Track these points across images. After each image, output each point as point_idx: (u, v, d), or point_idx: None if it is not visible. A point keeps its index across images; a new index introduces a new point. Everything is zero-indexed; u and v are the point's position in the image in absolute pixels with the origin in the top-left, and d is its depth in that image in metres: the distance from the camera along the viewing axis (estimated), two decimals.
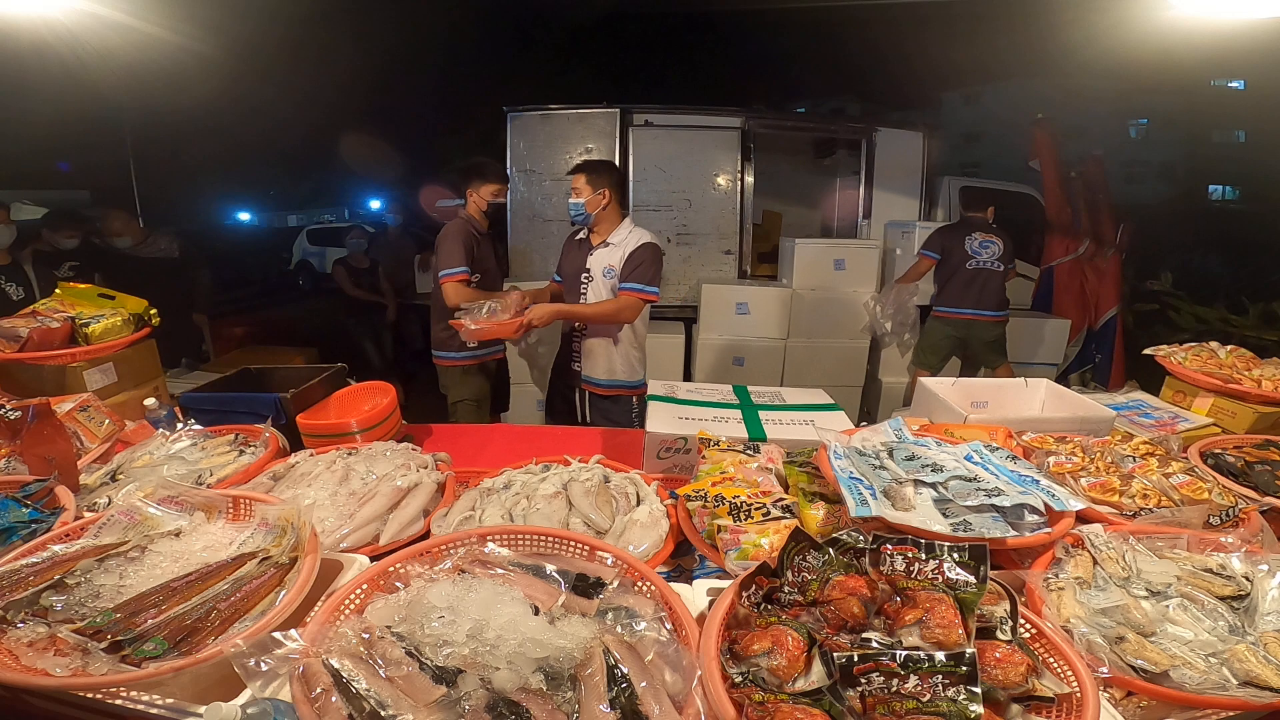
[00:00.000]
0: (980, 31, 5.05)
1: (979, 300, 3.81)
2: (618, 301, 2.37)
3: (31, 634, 0.84)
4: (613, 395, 2.51)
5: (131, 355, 2.01)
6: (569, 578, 0.97)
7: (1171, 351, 2.02)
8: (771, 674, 0.75)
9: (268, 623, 0.85)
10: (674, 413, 1.69)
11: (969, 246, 3.81)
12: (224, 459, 1.50)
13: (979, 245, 3.82)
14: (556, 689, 0.76)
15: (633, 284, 2.34)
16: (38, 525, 1.13)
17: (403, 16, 4.92)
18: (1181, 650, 0.85)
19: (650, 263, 2.35)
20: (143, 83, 4.00)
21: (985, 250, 3.83)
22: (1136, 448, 1.41)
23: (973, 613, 0.79)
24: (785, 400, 1.86)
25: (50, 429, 1.40)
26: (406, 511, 1.28)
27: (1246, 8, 2.39)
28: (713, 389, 1.92)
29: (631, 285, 2.35)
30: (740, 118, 4.26)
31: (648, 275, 2.34)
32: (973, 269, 3.80)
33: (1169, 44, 3.00)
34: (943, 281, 3.90)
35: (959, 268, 3.82)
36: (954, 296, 3.84)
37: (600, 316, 2.42)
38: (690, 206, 4.27)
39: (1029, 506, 1.07)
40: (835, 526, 1.12)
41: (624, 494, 1.35)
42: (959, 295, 3.83)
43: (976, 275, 3.80)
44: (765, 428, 1.61)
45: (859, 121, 5.01)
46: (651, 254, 2.37)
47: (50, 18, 2.56)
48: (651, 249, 2.38)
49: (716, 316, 4.03)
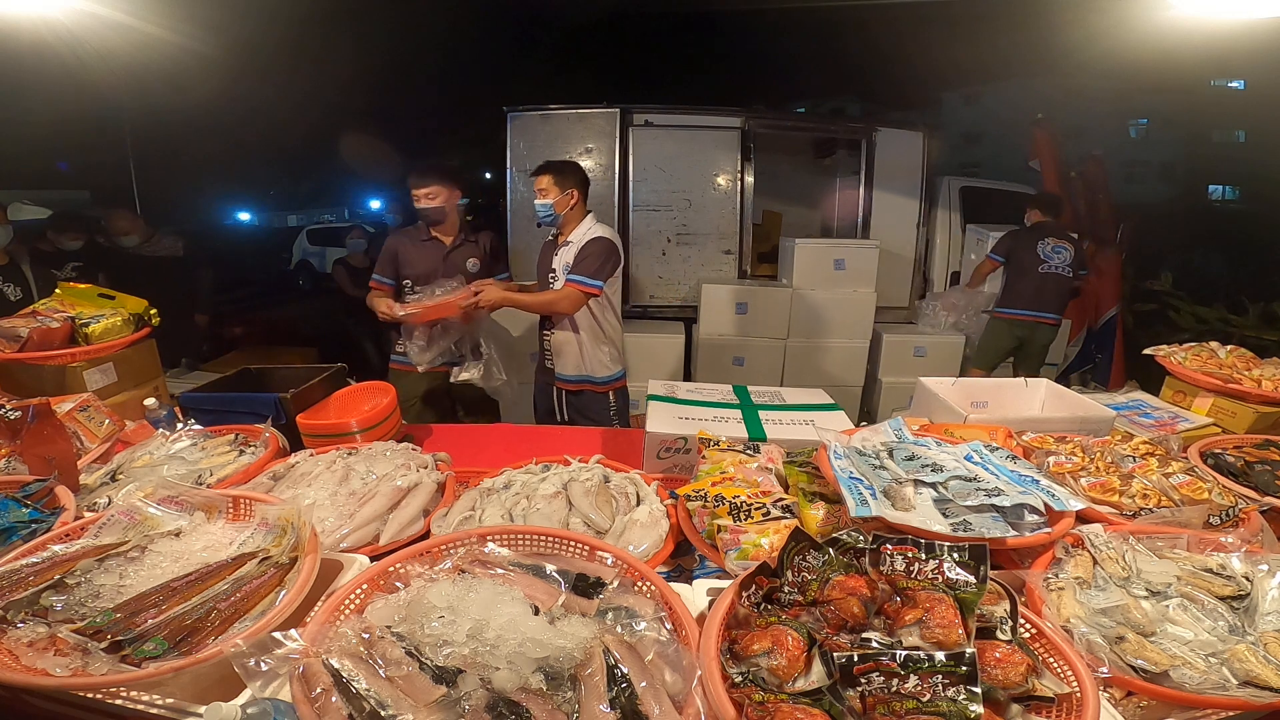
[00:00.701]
0: (980, 31, 5.05)
1: (1044, 303, 3.85)
2: (557, 292, 2.33)
3: (31, 634, 0.84)
4: (581, 390, 2.49)
5: (131, 355, 2.01)
6: (569, 578, 0.97)
7: (1171, 351, 2.02)
8: (771, 674, 0.75)
9: (268, 623, 0.85)
10: (674, 413, 1.69)
11: (1041, 251, 3.87)
12: (224, 459, 1.50)
13: (1051, 250, 3.87)
14: (556, 689, 0.76)
15: (575, 275, 2.30)
16: (38, 525, 1.13)
17: (403, 17, 4.92)
18: (1181, 650, 0.85)
19: (596, 256, 2.30)
20: (143, 83, 4.00)
21: (1057, 255, 3.87)
22: (1136, 448, 1.41)
23: (973, 613, 0.79)
24: (785, 400, 1.86)
25: (50, 429, 1.40)
26: (406, 511, 1.28)
27: (1246, 8, 2.39)
28: (713, 389, 1.92)
29: (573, 277, 2.30)
30: (740, 118, 4.26)
31: (592, 268, 2.29)
32: (1044, 273, 3.85)
33: (1169, 44, 3.01)
34: (1011, 284, 3.94)
35: (1029, 271, 3.87)
36: (1021, 299, 3.88)
37: (537, 306, 2.40)
38: (690, 206, 4.26)
39: (1029, 506, 1.07)
40: (835, 526, 1.12)
41: (624, 494, 1.35)
42: (1026, 298, 3.87)
43: (1046, 279, 3.85)
44: (765, 428, 1.61)
45: (859, 121, 5.01)
46: (600, 248, 2.32)
47: (50, 18, 2.56)
48: (602, 243, 2.33)
49: (716, 316, 4.02)
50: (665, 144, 4.20)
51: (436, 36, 5.61)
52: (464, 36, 6.12)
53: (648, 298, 4.38)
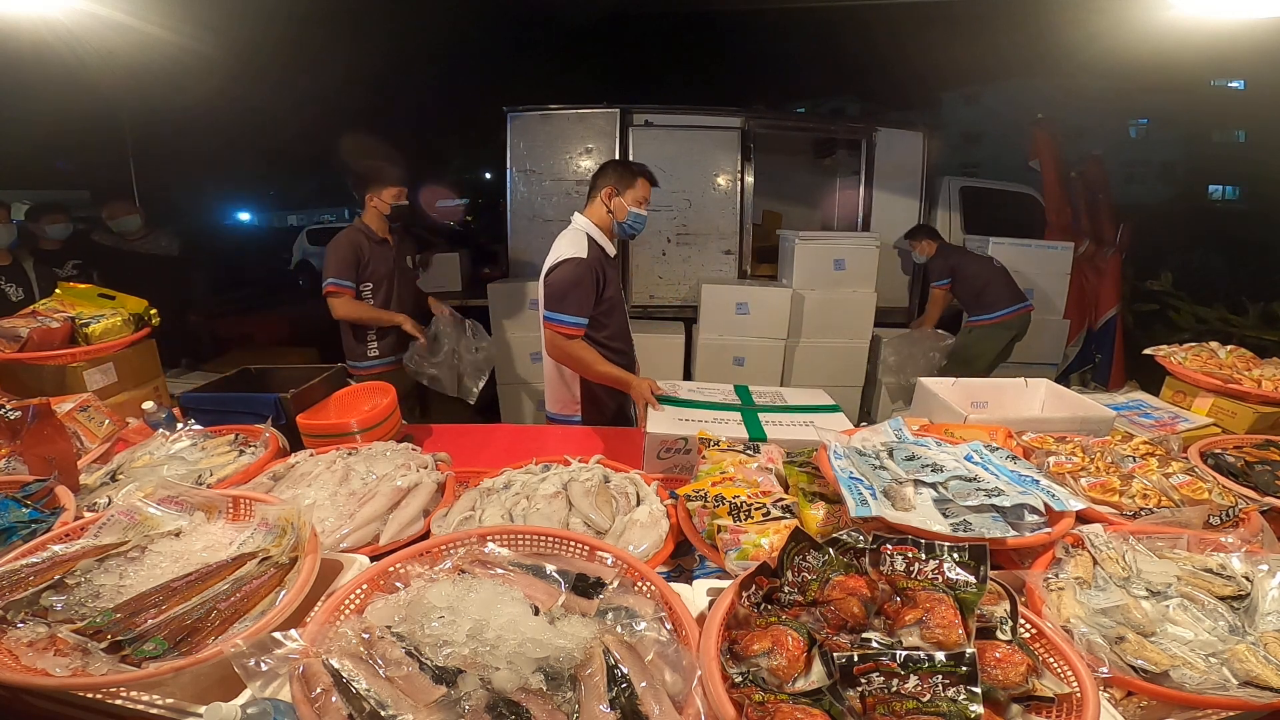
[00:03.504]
0: (980, 31, 5.04)
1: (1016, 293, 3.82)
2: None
3: (31, 634, 0.84)
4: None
5: (131, 355, 2.02)
6: (569, 578, 0.96)
7: (1171, 351, 2.02)
8: (771, 674, 0.75)
9: (268, 623, 0.85)
10: (674, 413, 1.69)
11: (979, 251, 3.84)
12: (224, 459, 1.50)
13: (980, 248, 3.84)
14: (556, 689, 0.76)
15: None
16: (38, 525, 1.13)
17: (403, 16, 4.91)
18: (1181, 650, 0.85)
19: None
20: (143, 83, 3.99)
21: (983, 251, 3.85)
22: (1136, 448, 1.41)
23: (973, 613, 0.79)
24: (786, 401, 1.86)
25: (50, 429, 1.40)
26: (406, 511, 1.28)
27: (1246, 8, 2.39)
28: (714, 389, 1.91)
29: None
30: (740, 118, 4.26)
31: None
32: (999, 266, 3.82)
33: (1169, 44, 3.01)
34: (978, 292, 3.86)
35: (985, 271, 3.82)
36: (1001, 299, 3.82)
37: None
38: (690, 206, 4.26)
39: (1029, 506, 1.07)
40: (835, 526, 1.12)
41: (624, 494, 1.35)
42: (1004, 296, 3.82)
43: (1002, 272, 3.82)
44: (765, 429, 1.61)
45: (859, 121, 5.00)
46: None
47: (50, 18, 2.56)
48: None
49: (716, 316, 4.02)
50: (665, 144, 4.20)
51: (436, 36, 5.60)
52: (464, 36, 6.10)
53: (648, 298, 4.39)
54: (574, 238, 2.01)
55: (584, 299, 1.94)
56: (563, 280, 1.94)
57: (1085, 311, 4.88)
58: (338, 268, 2.56)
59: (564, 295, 1.93)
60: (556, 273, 1.95)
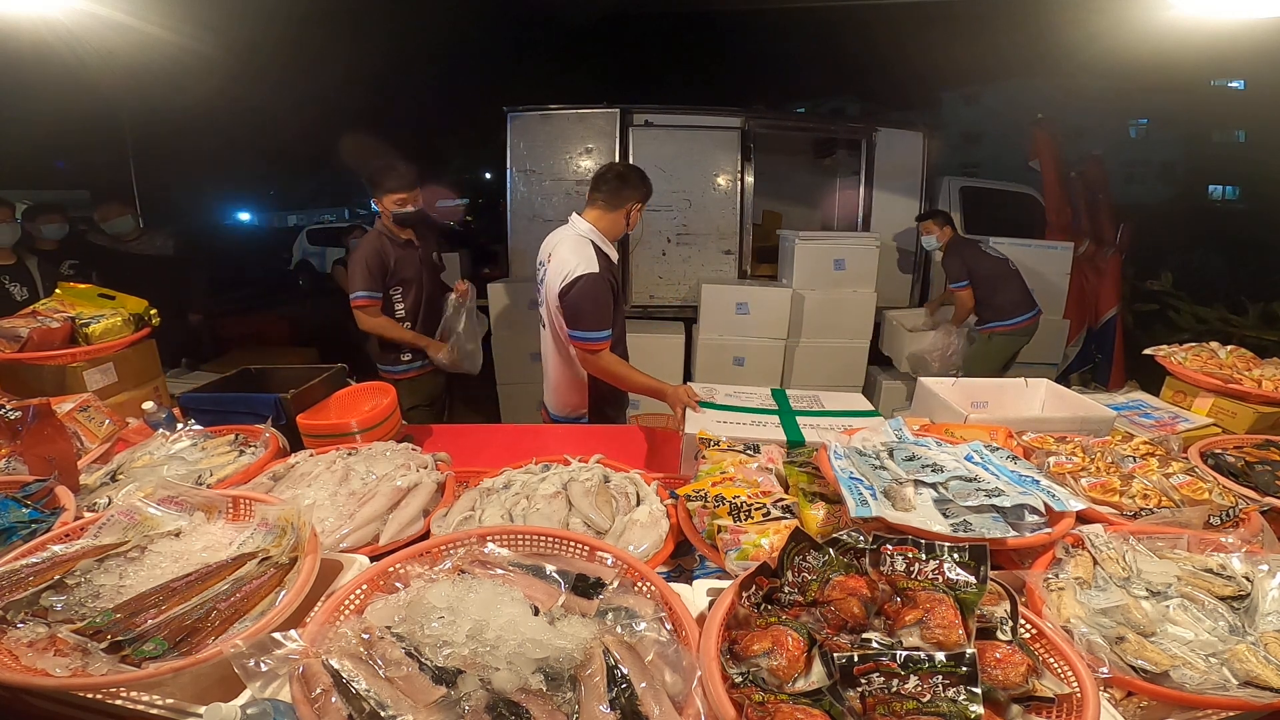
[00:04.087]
0: (980, 31, 5.04)
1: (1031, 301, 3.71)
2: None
3: (31, 634, 0.84)
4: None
5: (131, 355, 2.02)
6: (569, 578, 0.96)
7: (1171, 351, 2.02)
8: (771, 674, 0.75)
9: (268, 623, 0.85)
10: (712, 416, 1.70)
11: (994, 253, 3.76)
12: (224, 459, 1.50)
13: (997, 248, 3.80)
14: (556, 689, 0.76)
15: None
16: (38, 525, 1.13)
17: (403, 17, 4.91)
18: (1182, 650, 0.85)
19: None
20: (143, 83, 4.00)
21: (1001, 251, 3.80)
22: (1136, 448, 1.41)
23: (973, 613, 0.79)
24: (824, 405, 1.84)
25: (50, 429, 1.40)
26: (406, 511, 1.28)
27: (1246, 8, 2.39)
28: (751, 393, 1.90)
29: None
30: (740, 118, 4.26)
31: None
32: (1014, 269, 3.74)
33: (1169, 44, 3.01)
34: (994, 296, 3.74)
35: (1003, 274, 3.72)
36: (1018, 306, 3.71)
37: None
38: (690, 206, 4.26)
39: (1029, 507, 1.07)
40: (835, 526, 1.12)
41: (624, 494, 1.35)
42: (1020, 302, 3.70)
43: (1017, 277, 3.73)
44: (804, 433, 1.60)
45: (859, 121, 5.00)
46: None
47: (50, 18, 2.56)
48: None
49: (716, 316, 4.02)
50: (665, 144, 4.20)
51: (436, 36, 5.59)
52: (464, 36, 6.09)
53: (648, 298, 4.39)
54: (579, 247, 2.01)
55: (604, 313, 1.99)
56: (583, 298, 1.95)
57: (1085, 311, 4.88)
58: (364, 280, 2.53)
59: (586, 313, 1.97)
60: (575, 291, 1.96)
